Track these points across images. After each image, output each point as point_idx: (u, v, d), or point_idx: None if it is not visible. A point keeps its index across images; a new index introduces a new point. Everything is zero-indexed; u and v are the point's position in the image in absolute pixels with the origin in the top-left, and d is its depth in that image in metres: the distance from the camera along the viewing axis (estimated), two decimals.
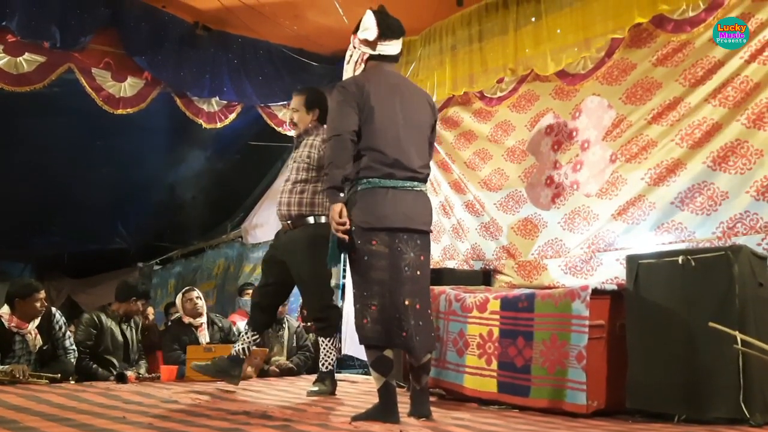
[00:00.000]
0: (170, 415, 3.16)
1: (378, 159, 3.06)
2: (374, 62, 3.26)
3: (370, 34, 3.22)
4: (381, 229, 3.01)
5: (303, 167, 4.22)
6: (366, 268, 3.02)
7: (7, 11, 4.78)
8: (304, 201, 4.17)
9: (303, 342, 6.15)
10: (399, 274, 3.04)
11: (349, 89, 3.11)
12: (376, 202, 3.03)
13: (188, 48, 5.65)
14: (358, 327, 3.05)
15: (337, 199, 2.98)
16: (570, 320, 3.42)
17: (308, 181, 4.19)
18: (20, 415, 3.01)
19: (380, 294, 3.00)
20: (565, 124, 4.69)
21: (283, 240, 4.25)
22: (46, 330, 4.88)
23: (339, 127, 3.02)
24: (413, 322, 3.03)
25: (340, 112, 3.07)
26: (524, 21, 4.87)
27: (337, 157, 2.98)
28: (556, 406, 3.40)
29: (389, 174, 3.06)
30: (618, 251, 4.11)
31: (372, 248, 3.01)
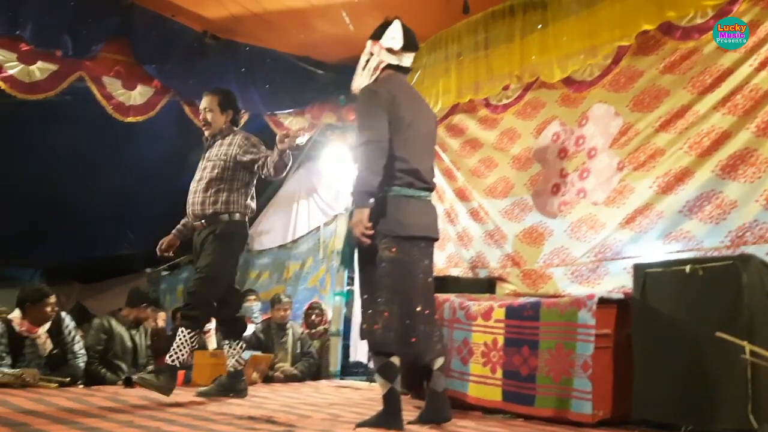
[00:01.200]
0: (177, 419, 3.18)
1: (402, 168, 3.12)
2: (390, 71, 3.30)
3: (396, 43, 3.28)
4: (403, 237, 3.06)
5: (219, 165, 4.20)
6: (382, 274, 3.05)
7: (21, 20, 4.83)
8: (220, 200, 4.17)
9: (307, 349, 6.16)
10: (414, 281, 3.10)
11: (381, 95, 3.14)
12: (399, 210, 3.08)
13: (197, 56, 5.69)
14: (368, 332, 3.06)
15: (367, 204, 3.01)
16: (576, 329, 3.42)
17: (223, 179, 4.19)
18: (30, 418, 3.05)
19: (394, 301, 3.04)
20: (572, 131, 4.68)
21: (196, 241, 4.24)
22: (55, 334, 4.92)
23: (376, 134, 3.05)
24: (422, 327, 3.09)
25: (375, 117, 3.09)
26: (530, 28, 4.87)
27: (374, 163, 3.02)
28: (562, 416, 3.39)
29: (410, 183, 3.15)
30: (625, 260, 4.09)
31: (390, 255, 3.05)
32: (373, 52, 3.32)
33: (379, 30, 3.33)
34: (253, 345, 5.97)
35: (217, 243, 4.13)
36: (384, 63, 3.28)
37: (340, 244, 6.82)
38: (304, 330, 6.34)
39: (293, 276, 7.51)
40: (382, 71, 3.29)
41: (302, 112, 6.50)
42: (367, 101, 3.16)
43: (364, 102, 3.18)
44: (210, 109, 4.33)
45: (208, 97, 4.36)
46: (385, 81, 3.26)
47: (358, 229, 2.98)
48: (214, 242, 4.13)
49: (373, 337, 3.05)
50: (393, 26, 3.29)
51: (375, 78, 3.29)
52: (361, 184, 3.01)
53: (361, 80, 3.35)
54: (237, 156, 4.22)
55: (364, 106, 3.17)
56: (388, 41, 3.28)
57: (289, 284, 7.48)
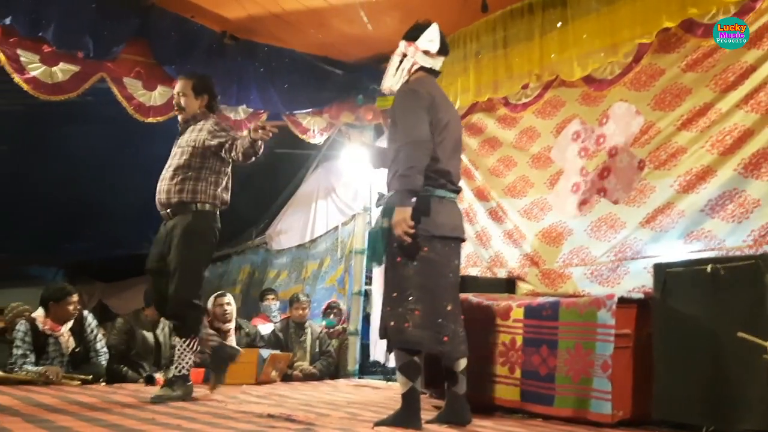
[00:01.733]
0: (197, 417, 3.21)
1: (437, 169, 3.15)
2: (422, 73, 3.31)
3: (433, 46, 3.30)
4: (436, 237, 3.09)
5: (187, 152, 4.06)
6: (415, 273, 3.07)
7: (43, 22, 4.88)
8: (185, 188, 4.00)
9: (326, 347, 6.19)
10: (445, 280, 3.13)
11: (423, 96, 3.16)
12: (435, 211, 3.11)
13: (216, 57, 5.71)
14: (396, 330, 3.06)
15: (410, 203, 3.01)
16: (595, 329, 3.40)
17: (191, 167, 4.03)
18: (54, 415, 3.10)
19: (425, 299, 3.06)
20: (592, 130, 4.65)
21: (162, 232, 4.08)
22: (78, 333, 5.00)
23: (422, 134, 3.07)
24: (453, 326, 3.13)
25: (419, 117, 3.11)
26: (550, 26, 4.83)
27: (420, 163, 3.03)
28: (581, 416, 3.37)
29: (443, 185, 3.19)
30: (645, 260, 4.05)
31: (423, 255, 3.08)
32: (407, 53, 3.32)
33: (414, 31, 3.33)
34: (272, 344, 6.01)
35: (188, 239, 3.95)
36: (418, 65, 3.30)
37: (358, 244, 6.85)
38: (322, 329, 6.36)
39: (311, 275, 7.55)
40: (414, 73, 3.31)
41: (320, 111, 6.51)
42: (409, 101, 3.16)
43: (406, 101, 3.18)
44: (183, 94, 4.17)
45: (182, 81, 4.23)
46: (421, 82, 3.27)
47: (400, 228, 2.99)
48: (184, 238, 3.94)
49: (403, 335, 3.05)
50: (431, 29, 3.31)
51: (407, 79, 3.31)
52: (406, 183, 3.01)
53: (393, 81, 3.36)
54: (206, 141, 4.05)
55: (407, 106, 3.16)
56: (426, 44, 3.29)
57: (307, 284, 7.52)
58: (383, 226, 3.11)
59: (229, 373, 5.19)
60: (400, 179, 3.03)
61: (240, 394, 4.49)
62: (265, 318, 6.89)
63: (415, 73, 3.31)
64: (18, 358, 4.74)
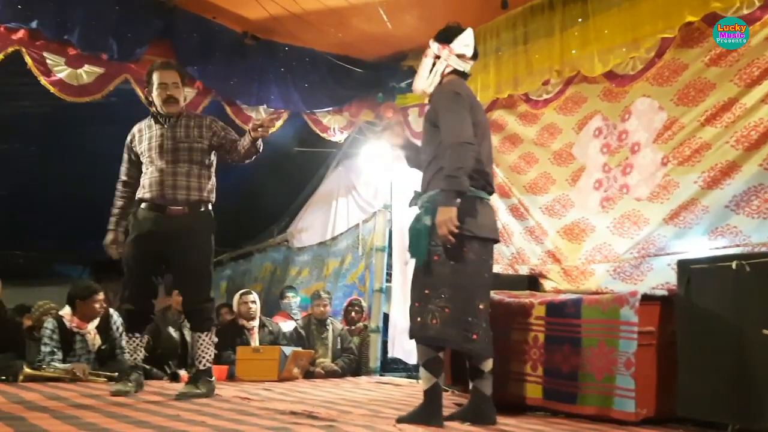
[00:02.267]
0: (221, 414, 3.24)
1: (479, 170, 3.18)
2: (454, 76, 3.34)
3: (468, 50, 3.34)
4: (478, 237, 3.11)
5: (197, 149, 4.07)
6: (452, 272, 3.09)
7: (68, 25, 4.95)
8: (203, 186, 4.07)
9: (347, 344, 6.22)
10: (479, 279, 3.16)
11: (465, 98, 3.20)
12: (475, 212, 3.14)
13: (237, 57, 5.76)
14: (422, 326, 3.08)
15: (455, 203, 3.03)
16: (618, 326, 3.38)
17: (203, 165, 4.09)
18: (81, 412, 3.14)
19: (458, 298, 3.08)
20: (614, 126, 4.61)
21: (169, 228, 3.99)
22: (104, 330, 5.07)
23: (467, 135, 3.09)
24: (484, 325, 3.14)
25: (463, 119, 3.13)
26: (571, 22, 4.80)
27: (467, 164, 3.06)
28: (604, 414, 3.36)
29: (483, 186, 3.24)
30: (669, 256, 4.01)
31: (462, 254, 3.10)
32: (440, 55, 3.34)
33: (447, 34, 3.35)
34: (294, 341, 6.05)
35: (206, 238, 4.11)
36: (451, 68, 3.33)
37: (379, 241, 6.87)
38: (343, 326, 6.39)
39: (333, 273, 7.58)
40: (446, 75, 3.34)
41: (340, 110, 6.53)
42: (452, 103, 3.18)
43: (449, 103, 3.19)
44: (177, 85, 4.11)
45: (172, 71, 4.13)
46: (457, 84, 3.29)
47: (445, 228, 3.00)
48: (204, 236, 4.09)
49: (428, 331, 3.07)
50: (467, 34, 3.34)
51: (440, 81, 3.34)
52: (454, 184, 3.03)
53: (426, 83, 3.38)
54: (213, 139, 4.13)
55: (451, 108, 3.17)
56: (461, 48, 3.32)
57: (328, 281, 7.55)
58: (426, 224, 3.11)
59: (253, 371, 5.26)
60: (447, 180, 3.04)
61: (263, 391, 4.53)
62: (285, 315, 6.94)
63: (447, 76, 3.33)
64: (46, 356, 4.82)
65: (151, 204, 4.04)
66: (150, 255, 4.04)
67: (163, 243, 4.00)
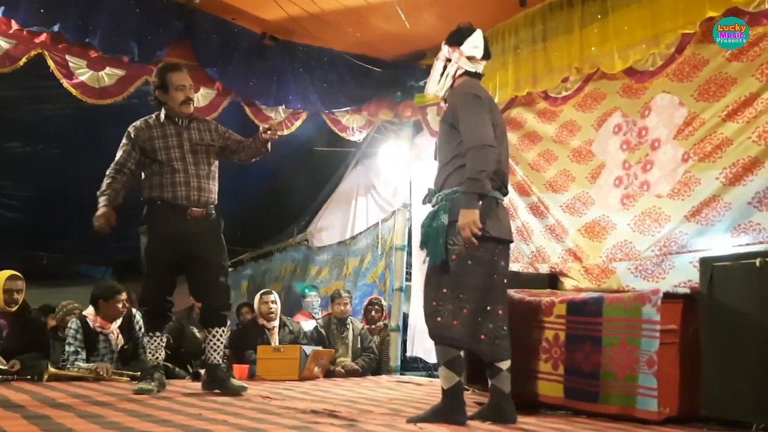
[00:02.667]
0: (243, 413, 3.26)
1: (496, 172, 3.19)
2: (466, 78, 3.34)
3: (478, 52, 3.34)
4: (491, 238, 3.12)
5: (212, 152, 4.20)
6: (467, 271, 3.10)
7: (90, 28, 5.01)
8: (216, 188, 4.20)
9: (367, 343, 6.22)
10: (493, 281, 3.17)
11: (484, 101, 3.21)
12: (491, 212, 3.14)
13: (256, 58, 5.79)
14: (443, 326, 3.09)
15: (477, 206, 3.05)
16: (640, 325, 3.35)
17: (215, 168, 4.22)
18: (105, 411, 3.18)
19: (474, 299, 3.10)
20: (634, 123, 4.58)
21: (192, 229, 4.07)
22: (127, 330, 5.12)
23: (489, 137, 3.11)
24: (491, 326, 3.14)
25: (484, 121, 3.15)
26: (590, 19, 4.77)
27: (489, 167, 3.07)
28: (626, 413, 3.33)
29: (499, 187, 3.25)
30: (691, 254, 3.98)
31: (477, 254, 3.11)
32: (451, 58, 3.35)
33: (457, 36, 3.36)
34: (315, 340, 6.07)
35: (221, 238, 4.22)
36: (462, 69, 3.33)
37: (398, 240, 6.87)
38: (364, 325, 6.40)
39: (352, 272, 7.59)
40: (458, 77, 3.35)
41: (359, 109, 6.55)
42: (472, 104, 3.19)
43: (469, 105, 3.19)
44: (192, 87, 4.25)
45: (186, 74, 4.23)
46: (472, 86, 3.30)
47: (468, 230, 3.00)
48: (221, 237, 4.22)
49: (449, 332, 3.08)
50: (476, 35, 3.34)
51: (452, 84, 3.35)
52: (476, 187, 3.04)
53: (438, 86, 3.40)
54: (220, 142, 4.26)
55: (471, 109, 3.18)
56: (471, 50, 3.32)
57: (348, 280, 7.57)
58: (443, 222, 3.11)
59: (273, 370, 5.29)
60: (469, 182, 3.05)
61: (283, 390, 4.55)
62: (307, 314, 6.97)
63: (459, 78, 3.34)
64: (70, 355, 4.88)
65: (174, 204, 4.07)
66: (172, 256, 4.09)
67: (185, 244, 4.05)
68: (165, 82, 4.14)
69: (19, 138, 6.77)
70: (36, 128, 6.48)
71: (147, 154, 4.14)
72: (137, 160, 4.17)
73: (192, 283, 4.26)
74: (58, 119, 6.26)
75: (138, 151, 4.17)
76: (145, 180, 4.17)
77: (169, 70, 4.18)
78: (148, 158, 4.14)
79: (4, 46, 4.81)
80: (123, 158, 4.18)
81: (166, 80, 4.14)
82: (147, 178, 4.16)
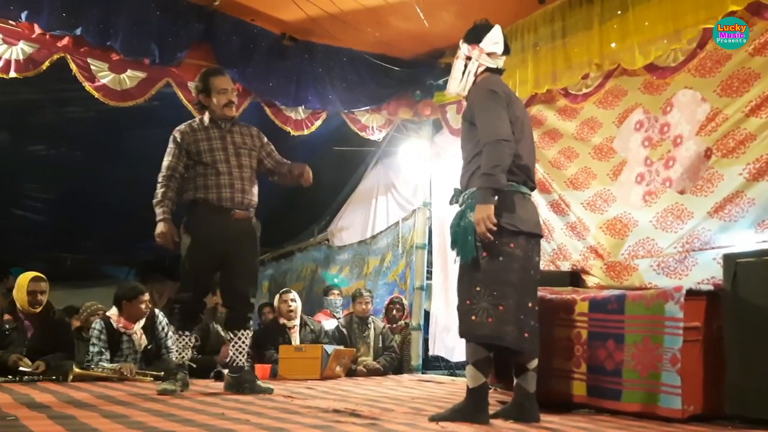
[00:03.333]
0: (265, 412, 3.28)
1: (519, 165, 3.18)
2: (487, 74, 3.34)
3: (498, 47, 3.34)
4: (521, 232, 3.11)
5: (253, 156, 4.28)
6: (500, 268, 3.09)
7: (111, 32, 5.07)
8: (257, 193, 4.27)
9: (389, 343, 6.23)
10: (527, 276, 3.15)
11: (500, 95, 3.20)
12: (519, 206, 3.14)
13: (276, 59, 5.82)
14: (478, 325, 3.06)
15: (493, 201, 3.04)
16: (663, 322, 3.32)
17: (256, 171, 4.30)
18: (129, 411, 3.22)
19: (509, 295, 3.07)
20: (656, 119, 4.53)
21: (233, 231, 4.13)
22: (150, 330, 5.17)
23: (504, 132, 3.09)
24: (533, 323, 3.14)
25: (499, 116, 3.13)
26: (610, 14, 4.73)
27: (504, 162, 3.06)
28: (650, 411, 3.31)
29: (524, 181, 3.23)
30: (714, 250, 3.94)
31: (508, 250, 3.09)
32: (471, 55, 3.34)
33: (476, 33, 3.35)
34: (336, 339, 6.09)
35: (258, 244, 4.30)
36: (483, 66, 3.33)
37: (419, 239, 6.87)
38: (385, 324, 6.41)
39: (373, 271, 7.60)
40: (480, 74, 3.34)
41: (378, 108, 6.56)
42: (488, 100, 3.18)
43: (485, 101, 3.19)
44: (234, 91, 4.31)
45: (228, 78, 4.35)
46: (492, 82, 3.28)
47: (483, 225, 3.00)
48: (258, 244, 4.30)
49: (483, 330, 3.05)
50: (495, 31, 3.33)
51: (473, 82, 3.34)
52: (491, 182, 3.02)
53: (460, 85, 3.39)
54: (260, 151, 4.34)
55: (487, 106, 3.17)
56: (491, 46, 3.32)
57: (369, 279, 7.58)
58: (471, 221, 3.10)
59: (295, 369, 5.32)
60: (483, 177, 3.04)
61: (305, 389, 4.57)
62: (328, 313, 6.99)
63: (481, 75, 3.33)
64: (94, 356, 4.94)
65: (218, 206, 4.11)
66: (213, 256, 4.14)
67: (227, 245, 4.11)
68: (208, 86, 4.22)
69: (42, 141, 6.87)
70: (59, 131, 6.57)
71: (192, 156, 4.19)
72: (185, 164, 4.21)
73: (223, 285, 4.32)
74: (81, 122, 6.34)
75: (185, 153, 4.20)
76: (189, 181, 4.19)
77: (212, 75, 4.27)
78: (192, 160, 4.19)
79: (28, 51, 4.88)
80: (173, 163, 4.21)
81: (208, 84, 4.22)
82: (191, 179, 4.19)
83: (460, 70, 3.37)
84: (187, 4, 5.40)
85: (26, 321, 4.98)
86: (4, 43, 4.82)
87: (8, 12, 4.78)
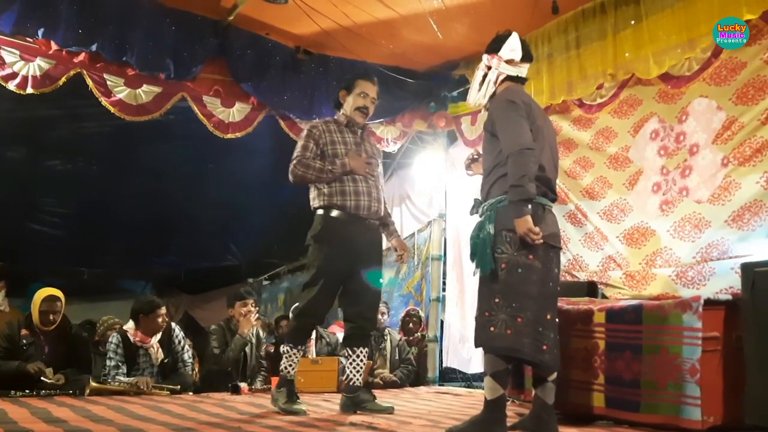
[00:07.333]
0: (282, 426, 3.28)
1: (540, 177, 3.16)
2: (509, 83, 3.33)
3: (516, 54, 3.33)
4: (541, 244, 3.06)
5: (375, 164, 4.05)
6: (519, 280, 3.06)
7: (127, 47, 5.12)
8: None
9: (405, 355, 6.20)
10: (546, 288, 3.12)
11: (520, 105, 3.18)
12: (539, 218, 3.10)
13: (290, 72, 5.85)
14: (497, 336, 3.03)
15: (528, 211, 3.01)
16: (681, 332, 3.29)
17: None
18: (146, 425, 3.22)
19: (528, 307, 3.04)
20: (671, 128, 4.51)
21: (362, 240, 3.90)
22: (166, 344, 5.17)
23: (526, 141, 3.08)
24: (552, 335, 3.10)
25: (521, 126, 3.12)
26: (623, 24, 4.73)
27: (531, 171, 3.04)
28: (669, 422, 3.26)
29: (545, 193, 3.20)
30: (732, 259, 3.90)
31: (528, 262, 3.06)
32: (491, 65, 3.33)
33: (495, 43, 3.35)
34: None
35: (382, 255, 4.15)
36: (503, 75, 3.32)
37: (434, 250, 6.86)
38: (401, 337, 6.39)
39: (388, 283, 7.59)
40: (500, 83, 3.33)
41: (393, 120, 6.58)
42: (508, 111, 3.16)
43: (505, 112, 3.18)
44: (373, 100, 4.11)
45: (376, 87, 4.12)
46: (512, 92, 3.27)
47: (530, 238, 2.98)
48: (381, 252, 4.11)
49: (502, 342, 3.03)
50: (512, 38, 3.32)
51: (494, 91, 3.33)
52: (521, 193, 3.00)
53: (479, 95, 3.37)
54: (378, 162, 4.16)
55: (507, 116, 3.16)
56: (509, 53, 3.31)
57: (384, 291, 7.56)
58: (490, 232, 3.09)
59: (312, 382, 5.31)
60: (512, 190, 3.01)
61: (322, 401, 4.56)
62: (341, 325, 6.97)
63: (501, 84, 3.32)
64: (111, 369, 4.95)
65: (353, 214, 3.87)
66: (344, 268, 3.88)
67: (359, 257, 3.89)
68: (351, 85, 4.06)
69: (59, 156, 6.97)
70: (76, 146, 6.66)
71: (327, 156, 3.94)
72: (315, 155, 3.93)
73: (349, 299, 3.98)
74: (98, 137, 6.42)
75: (319, 149, 3.95)
76: (321, 185, 3.93)
77: (360, 76, 4.13)
78: (327, 161, 3.93)
79: (44, 67, 4.95)
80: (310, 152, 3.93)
81: (353, 83, 4.07)
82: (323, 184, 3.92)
83: (479, 80, 3.37)
84: (202, 19, 5.45)
85: (42, 336, 5.01)
86: (21, 59, 4.89)
87: (25, 29, 4.84)
